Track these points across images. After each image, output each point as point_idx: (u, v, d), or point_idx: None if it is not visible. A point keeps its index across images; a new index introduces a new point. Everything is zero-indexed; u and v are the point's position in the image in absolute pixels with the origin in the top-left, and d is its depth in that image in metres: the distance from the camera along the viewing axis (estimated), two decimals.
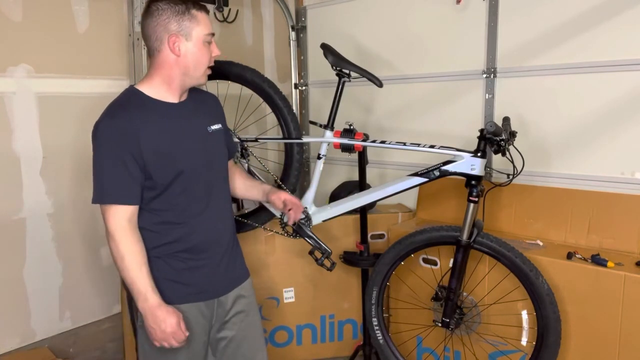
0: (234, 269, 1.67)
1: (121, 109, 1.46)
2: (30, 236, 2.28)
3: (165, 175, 1.46)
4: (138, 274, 1.42)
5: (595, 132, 2.19)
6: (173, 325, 1.43)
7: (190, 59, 1.48)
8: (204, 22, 1.49)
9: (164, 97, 1.51)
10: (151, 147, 1.43)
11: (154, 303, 1.42)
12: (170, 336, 1.44)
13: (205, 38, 1.49)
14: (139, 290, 1.42)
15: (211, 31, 1.51)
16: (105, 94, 2.49)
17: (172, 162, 1.47)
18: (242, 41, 3.13)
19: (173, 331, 1.43)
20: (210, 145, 1.59)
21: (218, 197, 1.61)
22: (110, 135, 1.41)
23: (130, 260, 1.42)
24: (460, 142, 2.05)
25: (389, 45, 2.77)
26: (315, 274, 2.51)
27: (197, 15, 1.47)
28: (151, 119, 1.46)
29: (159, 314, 1.42)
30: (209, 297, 1.58)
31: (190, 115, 1.55)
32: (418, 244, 2.06)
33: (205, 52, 1.50)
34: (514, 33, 2.34)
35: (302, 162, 2.16)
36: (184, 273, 1.53)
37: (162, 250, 1.51)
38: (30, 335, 2.31)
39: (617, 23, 2.07)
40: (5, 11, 2.14)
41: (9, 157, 2.19)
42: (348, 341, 2.63)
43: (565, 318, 1.92)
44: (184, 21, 1.45)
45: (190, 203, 1.52)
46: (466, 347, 2.21)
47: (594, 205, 2.13)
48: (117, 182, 1.42)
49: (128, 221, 1.43)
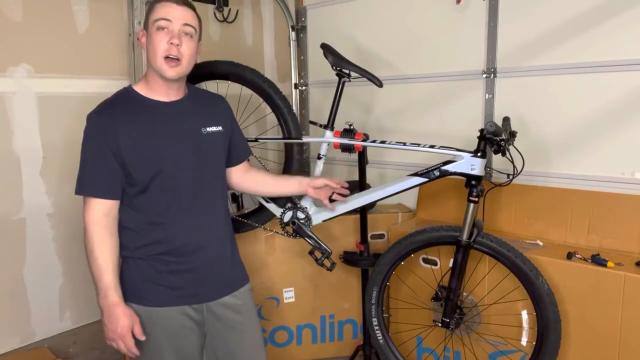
0: (227, 274, 1.64)
1: (107, 106, 1.50)
2: (30, 236, 2.27)
3: (144, 173, 1.47)
4: (104, 270, 1.43)
5: (595, 132, 2.19)
6: (124, 327, 1.43)
7: (148, 48, 1.49)
8: (160, 9, 1.46)
9: (153, 95, 1.52)
10: (130, 144, 1.44)
11: (113, 300, 1.43)
12: (119, 337, 1.44)
13: (157, 24, 1.45)
14: (102, 285, 1.43)
15: (164, 17, 1.45)
16: (105, 94, 2.46)
17: (152, 160, 1.47)
18: (242, 41, 3.13)
19: (122, 334, 1.43)
20: (203, 147, 1.57)
21: (207, 199, 1.59)
22: (93, 131, 1.46)
23: (99, 254, 1.43)
24: (460, 142, 2.05)
25: (389, 45, 2.77)
26: (315, 274, 2.51)
27: (155, 6, 1.48)
28: (136, 117, 1.48)
29: (113, 312, 1.43)
30: (196, 301, 1.56)
31: (181, 115, 1.54)
32: (418, 244, 2.06)
33: (156, 38, 1.45)
34: (514, 33, 2.34)
35: (302, 162, 2.16)
36: (166, 276, 1.52)
37: (145, 251, 1.51)
38: (30, 335, 2.31)
39: (617, 23, 2.07)
40: (5, 11, 2.13)
41: (9, 157, 2.19)
42: (348, 341, 2.63)
43: (565, 318, 1.92)
44: (148, 15, 1.49)
45: (172, 203, 1.51)
46: (466, 347, 2.21)
47: (594, 205, 2.13)
48: (96, 177, 1.45)
49: (104, 215, 1.45)
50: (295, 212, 2.08)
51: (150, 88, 1.52)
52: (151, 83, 1.52)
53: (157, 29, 1.45)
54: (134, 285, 1.51)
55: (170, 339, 1.53)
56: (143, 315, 1.50)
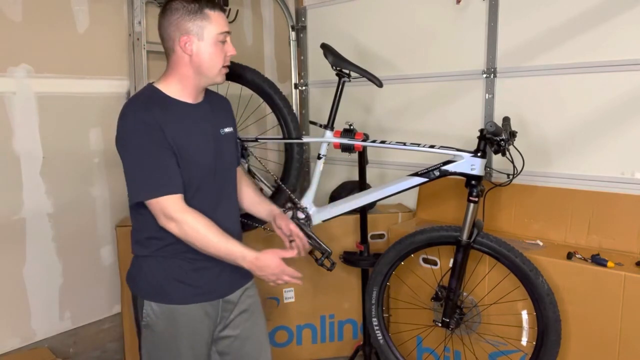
0: (239, 269, 1.66)
1: (145, 105, 1.45)
2: (30, 236, 2.28)
3: (183, 174, 1.46)
4: (225, 243, 1.45)
5: (595, 132, 2.18)
6: (278, 266, 1.47)
7: (203, 58, 1.47)
8: (217, 21, 1.48)
9: (181, 96, 1.51)
10: (175, 143, 1.43)
11: (251, 258, 1.46)
12: (281, 274, 1.48)
13: (218, 37, 1.48)
14: (236, 255, 1.46)
15: (225, 30, 1.49)
16: (105, 94, 2.50)
17: (190, 161, 1.48)
18: (242, 41, 3.13)
19: (281, 270, 1.48)
20: (222, 148, 1.59)
21: (228, 198, 1.62)
22: (142, 128, 1.41)
23: (212, 234, 1.44)
24: (460, 142, 2.05)
25: (389, 45, 2.77)
26: (315, 274, 2.51)
27: (210, 15, 1.46)
28: (171, 117, 1.46)
29: (262, 262, 1.46)
30: (215, 297, 1.58)
31: (206, 117, 1.55)
32: (418, 244, 2.06)
33: (219, 51, 1.49)
34: (514, 33, 2.34)
35: (302, 162, 2.16)
36: (191, 274, 1.53)
37: (170, 250, 1.50)
38: (30, 335, 2.31)
39: (617, 23, 2.07)
40: (5, 11, 2.14)
41: (9, 157, 2.19)
42: (348, 341, 2.63)
43: (565, 318, 1.92)
44: (196, 21, 1.45)
45: (203, 202, 1.52)
46: (466, 347, 2.21)
47: (594, 205, 2.13)
48: (165, 173, 1.42)
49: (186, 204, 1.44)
50: (295, 212, 2.08)
51: (175, 89, 1.51)
52: (183, 85, 1.50)
53: (219, 42, 1.48)
54: (157, 284, 1.51)
55: (189, 337, 1.54)
56: (165, 313, 1.50)
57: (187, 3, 1.45)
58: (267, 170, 2.22)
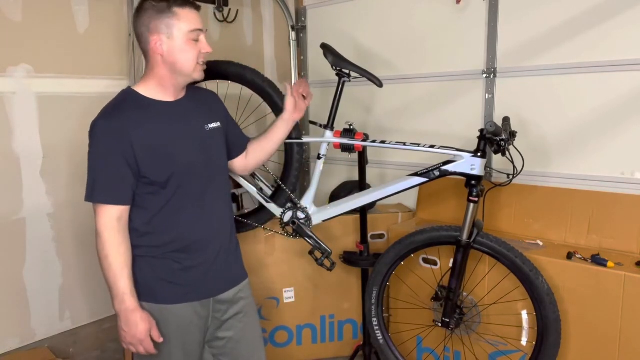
0: (231, 269, 1.67)
1: (115, 109, 1.47)
2: (30, 236, 2.27)
3: (160, 174, 1.47)
4: (119, 275, 1.43)
5: (595, 132, 2.18)
6: (143, 332, 1.44)
7: (175, 57, 1.47)
8: (188, 19, 1.47)
9: (159, 96, 1.51)
10: (144, 147, 1.44)
11: (130, 306, 1.44)
12: (139, 342, 1.45)
13: (189, 35, 1.47)
14: (118, 291, 1.44)
15: (197, 27, 1.48)
16: (105, 94, 2.48)
17: (167, 161, 1.48)
18: (242, 41, 3.13)
19: (142, 339, 1.44)
20: (208, 144, 1.59)
21: (215, 196, 1.61)
22: (103, 136, 1.43)
23: (114, 260, 1.43)
24: (460, 142, 2.05)
25: (389, 45, 2.77)
26: (315, 274, 2.51)
27: (179, 13, 1.45)
28: (145, 119, 1.46)
29: (132, 318, 1.43)
30: (204, 296, 1.58)
31: (186, 114, 1.55)
32: (418, 244, 2.06)
33: (191, 49, 1.48)
34: (514, 33, 2.34)
35: (302, 162, 2.16)
36: (179, 273, 1.53)
37: (158, 250, 1.51)
38: (30, 335, 2.31)
39: (617, 23, 2.07)
40: (5, 11, 2.13)
41: (9, 157, 2.19)
42: (348, 341, 2.63)
43: (565, 318, 1.92)
44: (164, 19, 1.45)
45: (185, 201, 1.52)
46: (466, 347, 2.21)
47: (594, 205, 2.13)
48: (109, 183, 1.44)
49: (117, 220, 1.44)
50: (295, 212, 2.08)
51: (153, 89, 1.51)
52: (161, 84, 1.51)
53: (194, 40, 1.48)
54: (147, 284, 1.52)
55: (180, 336, 1.55)
56: (155, 313, 1.51)
57: (156, 2, 1.45)
58: (267, 170, 2.22)
